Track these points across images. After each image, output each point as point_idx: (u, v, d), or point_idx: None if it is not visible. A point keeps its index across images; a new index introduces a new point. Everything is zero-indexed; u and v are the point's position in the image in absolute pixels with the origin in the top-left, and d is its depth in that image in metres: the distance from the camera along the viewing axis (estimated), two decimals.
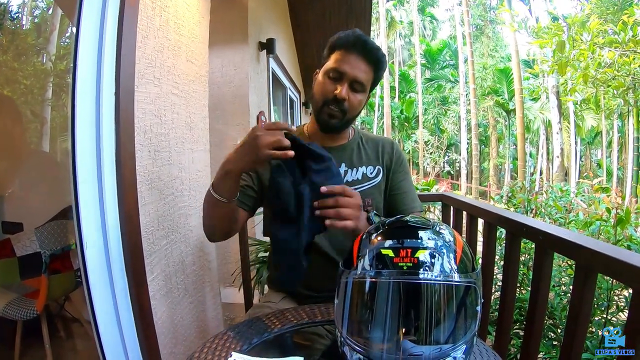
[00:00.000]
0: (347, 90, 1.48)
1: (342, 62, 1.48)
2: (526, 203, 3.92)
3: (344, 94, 1.47)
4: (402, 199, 1.67)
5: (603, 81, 9.20)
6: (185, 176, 2.19)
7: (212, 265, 2.58)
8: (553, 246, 1.51)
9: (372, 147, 1.73)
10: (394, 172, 1.70)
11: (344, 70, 1.47)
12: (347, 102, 1.49)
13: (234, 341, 1.16)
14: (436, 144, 30.32)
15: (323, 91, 1.52)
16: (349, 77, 1.48)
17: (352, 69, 1.47)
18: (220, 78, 3.67)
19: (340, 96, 1.47)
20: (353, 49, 1.48)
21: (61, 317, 3.33)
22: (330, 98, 1.49)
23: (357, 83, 1.49)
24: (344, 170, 1.64)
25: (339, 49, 1.51)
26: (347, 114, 1.53)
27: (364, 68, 1.49)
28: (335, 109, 1.50)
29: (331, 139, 1.66)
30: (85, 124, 1.41)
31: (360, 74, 1.48)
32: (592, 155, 30.64)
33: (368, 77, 1.52)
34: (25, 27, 5.09)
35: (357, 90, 1.51)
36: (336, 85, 1.48)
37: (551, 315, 2.62)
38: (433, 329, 0.85)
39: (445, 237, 0.93)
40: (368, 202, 1.61)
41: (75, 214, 1.40)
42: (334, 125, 1.54)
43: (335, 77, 1.50)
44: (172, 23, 2.00)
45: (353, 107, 1.53)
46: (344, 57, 1.49)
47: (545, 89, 19.78)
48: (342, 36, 1.52)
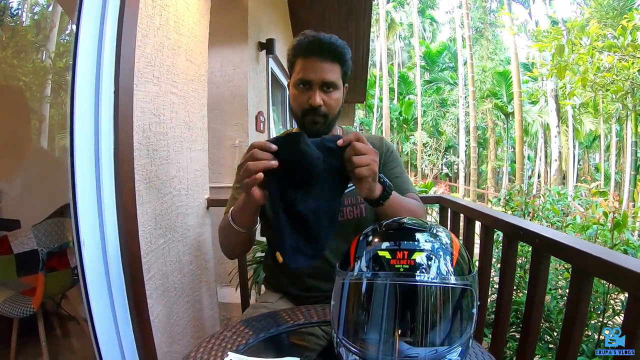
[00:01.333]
0: (320, 95, 1.47)
1: (306, 70, 1.48)
2: (524, 206, 3.93)
3: (317, 102, 1.46)
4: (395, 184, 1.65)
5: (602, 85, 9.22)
6: (184, 175, 2.19)
7: (209, 265, 2.58)
8: (550, 249, 1.51)
9: None
10: (385, 163, 1.68)
11: (309, 78, 1.47)
12: (324, 106, 1.48)
13: (230, 341, 1.16)
14: (435, 146, 30.34)
15: (298, 103, 1.51)
16: (317, 83, 1.47)
17: (316, 73, 1.46)
18: (220, 78, 3.67)
19: (315, 104, 1.46)
20: (311, 53, 1.47)
21: (58, 315, 3.33)
22: (307, 108, 1.48)
23: (327, 84, 1.48)
24: None
25: (298, 57, 1.51)
26: (328, 116, 1.52)
27: (328, 67, 1.48)
28: (315, 116, 1.49)
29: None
30: (84, 122, 1.41)
31: (326, 75, 1.47)
32: (590, 159, 30.67)
33: (335, 74, 1.50)
34: (25, 24, 5.09)
35: (330, 91, 1.50)
36: (308, 94, 1.48)
37: (547, 319, 2.63)
38: (429, 331, 0.85)
39: (442, 240, 0.93)
40: (360, 199, 1.61)
41: (72, 212, 1.40)
42: (319, 130, 1.51)
43: (305, 86, 1.49)
44: (172, 22, 2.00)
45: (332, 108, 1.52)
46: (305, 65, 1.48)
47: (544, 92, 19.77)
48: (297, 44, 1.51)
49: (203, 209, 2.49)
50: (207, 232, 2.55)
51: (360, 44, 7.04)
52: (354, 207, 1.60)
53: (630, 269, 1.06)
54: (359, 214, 1.60)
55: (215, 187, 2.91)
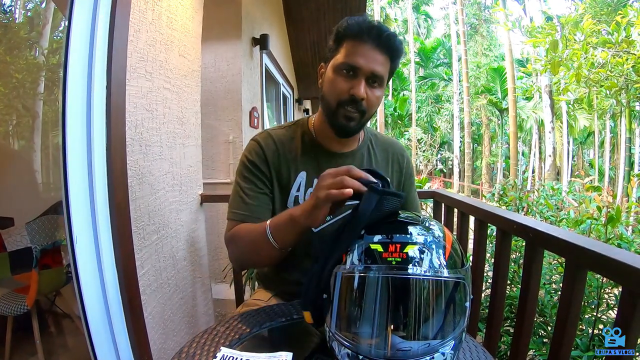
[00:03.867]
0: (365, 87, 1.29)
1: (356, 55, 1.28)
2: (518, 201, 3.93)
3: (362, 93, 1.28)
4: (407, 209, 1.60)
5: (596, 81, 9.23)
6: (177, 171, 2.18)
7: (203, 261, 2.58)
8: (543, 244, 1.52)
9: (382, 154, 1.60)
10: (404, 184, 1.62)
11: (359, 64, 1.27)
12: (366, 100, 1.31)
13: (223, 336, 1.16)
14: (429, 142, 30.29)
15: (337, 90, 1.32)
16: (364, 72, 1.28)
17: (367, 62, 1.27)
18: (213, 73, 3.67)
19: (359, 95, 1.28)
20: (366, 38, 1.28)
21: (52, 312, 3.33)
22: (346, 98, 1.30)
23: (375, 77, 1.30)
24: None
25: (350, 38, 1.30)
26: (365, 114, 1.35)
27: (380, 59, 1.29)
28: (353, 110, 1.31)
29: (342, 143, 1.50)
30: (76, 117, 1.41)
31: (377, 66, 1.29)
32: (585, 155, 30.73)
33: (385, 69, 1.32)
34: (18, 20, 5.07)
35: (375, 86, 1.32)
36: (352, 83, 1.29)
37: (541, 313, 2.63)
38: (421, 325, 0.84)
39: (434, 233, 0.93)
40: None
41: (65, 209, 1.40)
42: (352, 128, 1.36)
43: (348, 73, 1.30)
44: (164, 17, 1.99)
45: (372, 106, 1.34)
46: (357, 49, 1.28)
47: (538, 88, 19.83)
48: (352, 23, 1.30)
49: (197, 204, 2.48)
50: (201, 228, 2.55)
51: None
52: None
53: (624, 262, 1.07)
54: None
55: (209, 183, 2.91)
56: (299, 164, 1.46)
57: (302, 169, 1.46)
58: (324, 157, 1.49)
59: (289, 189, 1.45)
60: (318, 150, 1.50)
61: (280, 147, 1.48)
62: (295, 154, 1.48)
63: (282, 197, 1.46)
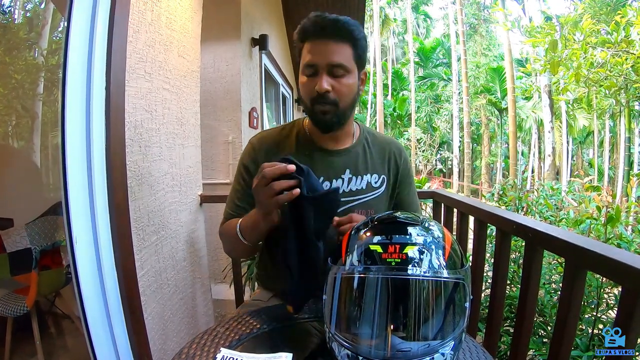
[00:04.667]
0: (327, 79, 1.34)
1: (312, 54, 1.35)
2: (517, 201, 3.93)
3: (324, 86, 1.33)
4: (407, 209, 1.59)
5: (595, 81, 9.24)
6: (176, 172, 2.18)
7: (202, 262, 2.58)
8: (543, 244, 1.52)
9: (379, 152, 1.61)
10: (401, 183, 1.61)
11: (315, 61, 1.34)
12: (333, 92, 1.35)
13: (223, 337, 1.16)
14: (428, 142, 30.29)
15: (306, 91, 1.40)
16: (323, 67, 1.34)
17: (323, 56, 1.33)
18: (212, 74, 3.67)
19: (321, 89, 1.33)
20: (318, 34, 1.35)
21: (52, 313, 3.33)
22: (315, 96, 1.36)
23: (336, 67, 1.35)
24: (348, 177, 1.51)
25: (305, 40, 1.38)
26: (339, 105, 1.38)
27: (336, 49, 1.34)
28: (324, 104, 1.36)
29: (334, 140, 1.55)
30: (76, 118, 1.41)
31: (334, 57, 1.34)
32: (584, 155, 30.73)
33: (346, 56, 1.36)
34: (17, 21, 5.06)
35: (340, 75, 1.36)
36: (315, 80, 1.35)
37: (541, 313, 2.63)
38: (421, 325, 0.85)
39: (434, 234, 0.93)
40: (370, 212, 1.50)
41: (65, 210, 1.40)
42: (330, 121, 1.41)
43: (311, 72, 1.37)
44: (164, 18, 1.99)
45: (343, 94, 1.38)
46: (312, 48, 1.36)
47: (538, 88, 19.83)
48: (303, 26, 1.38)
49: (196, 205, 2.48)
50: (201, 229, 2.55)
51: None
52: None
53: (624, 263, 1.07)
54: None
55: (209, 184, 2.92)
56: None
57: None
58: (318, 154, 1.53)
59: None
60: (312, 148, 1.53)
61: (274, 147, 1.54)
62: (289, 152, 1.51)
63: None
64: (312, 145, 1.54)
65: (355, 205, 1.50)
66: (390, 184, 1.59)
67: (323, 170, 1.49)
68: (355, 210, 1.49)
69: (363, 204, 1.51)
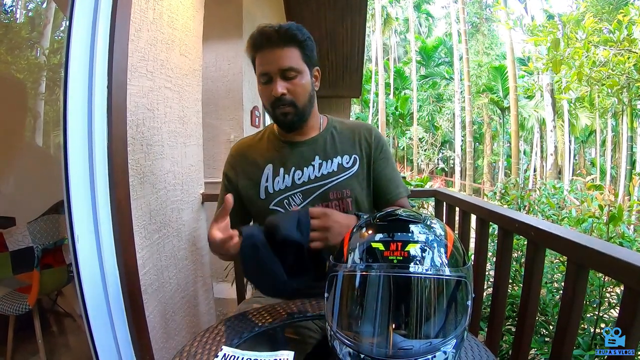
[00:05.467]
0: (281, 84, 1.45)
1: (262, 64, 1.48)
2: (519, 200, 3.93)
3: (278, 91, 1.44)
4: (387, 187, 1.63)
5: (597, 80, 9.24)
6: (178, 170, 2.18)
7: (204, 260, 2.58)
8: (545, 242, 1.51)
9: (348, 135, 1.68)
10: (375, 160, 1.64)
11: (266, 70, 1.46)
12: (289, 93, 1.47)
13: (224, 335, 1.16)
14: (430, 141, 30.35)
15: (265, 97, 1.52)
16: (275, 73, 1.45)
17: (273, 64, 1.45)
18: (214, 72, 3.67)
19: (277, 93, 1.45)
20: (262, 45, 1.47)
21: (54, 312, 3.33)
22: (273, 101, 1.48)
23: (287, 71, 1.46)
24: (319, 163, 1.60)
25: (254, 53, 1.51)
26: (297, 104, 1.50)
27: (284, 54, 1.45)
28: (282, 106, 1.48)
29: (301, 134, 1.65)
30: (77, 117, 1.41)
31: (284, 61, 1.45)
32: (586, 154, 30.69)
33: (295, 59, 1.48)
34: (19, 20, 5.07)
35: (292, 77, 1.47)
36: (270, 87, 1.47)
37: (543, 312, 2.63)
38: (423, 323, 0.84)
39: (436, 231, 0.92)
40: (347, 193, 1.57)
41: (66, 208, 1.40)
42: (292, 121, 1.53)
43: (266, 79, 1.48)
44: (165, 17, 1.99)
45: (298, 94, 1.50)
46: (262, 57, 1.47)
47: (540, 87, 19.81)
48: (251, 40, 1.50)
49: (198, 204, 2.48)
50: (203, 228, 2.54)
51: (355, 39, 7.01)
52: (340, 202, 1.56)
53: (626, 261, 1.06)
54: (344, 208, 1.55)
55: (211, 182, 2.91)
56: (265, 159, 1.65)
57: (268, 163, 1.63)
58: (287, 148, 1.65)
59: (259, 181, 1.61)
60: (281, 144, 1.66)
61: (247, 150, 1.72)
62: (262, 152, 1.68)
63: (255, 190, 1.62)
64: (281, 141, 1.67)
65: (329, 187, 1.56)
66: (364, 162, 1.63)
67: (293, 160, 1.61)
68: (330, 192, 1.56)
69: (337, 184, 1.57)
